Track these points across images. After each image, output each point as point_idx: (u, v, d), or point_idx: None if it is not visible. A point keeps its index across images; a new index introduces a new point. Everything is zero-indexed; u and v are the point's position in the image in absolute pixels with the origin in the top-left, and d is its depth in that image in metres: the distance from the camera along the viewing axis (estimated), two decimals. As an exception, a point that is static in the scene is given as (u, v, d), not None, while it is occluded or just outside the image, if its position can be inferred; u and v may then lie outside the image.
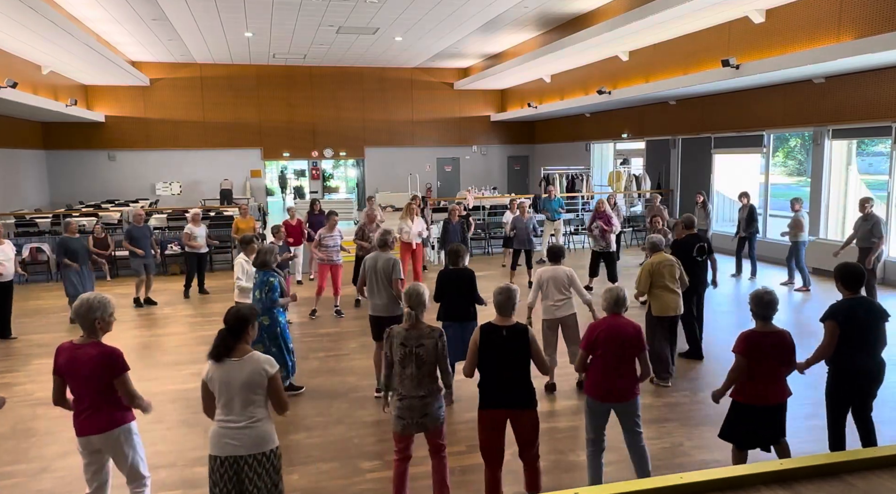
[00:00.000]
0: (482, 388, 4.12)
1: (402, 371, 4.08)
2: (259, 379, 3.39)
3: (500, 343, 4.06)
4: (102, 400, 3.66)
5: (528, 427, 4.10)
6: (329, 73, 22.61)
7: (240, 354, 3.42)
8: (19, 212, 15.78)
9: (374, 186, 23.59)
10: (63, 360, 3.66)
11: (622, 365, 4.26)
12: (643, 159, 18.81)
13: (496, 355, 4.07)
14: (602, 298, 4.52)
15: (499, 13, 14.71)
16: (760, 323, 4.29)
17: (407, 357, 4.05)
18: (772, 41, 11.50)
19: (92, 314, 3.66)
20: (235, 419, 3.39)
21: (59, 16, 11.50)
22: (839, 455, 1.78)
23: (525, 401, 4.07)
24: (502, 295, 4.13)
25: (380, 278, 6.20)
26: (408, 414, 4.07)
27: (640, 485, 1.59)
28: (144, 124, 21.43)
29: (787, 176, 27.83)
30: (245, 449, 3.38)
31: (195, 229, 11.25)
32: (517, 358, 4.06)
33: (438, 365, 4.11)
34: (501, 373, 4.06)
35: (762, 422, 4.22)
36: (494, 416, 4.08)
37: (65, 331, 9.28)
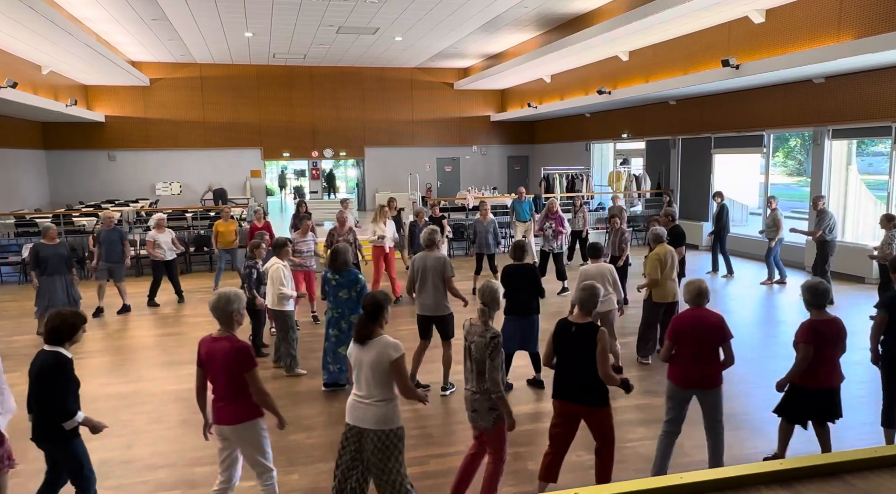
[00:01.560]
0: (555, 379, 4.28)
1: (465, 364, 4.22)
2: (383, 361, 3.66)
3: (570, 339, 4.18)
4: (234, 392, 3.77)
5: (599, 423, 4.19)
6: (329, 73, 22.62)
7: (374, 336, 3.73)
8: (19, 212, 15.78)
9: (374, 186, 23.61)
10: (203, 352, 3.84)
11: (708, 354, 4.45)
12: (643, 159, 18.81)
13: (566, 351, 4.20)
14: (684, 291, 4.69)
15: (499, 13, 14.71)
16: (815, 311, 4.56)
17: (465, 350, 4.19)
18: (772, 41, 11.50)
19: (230, 306, 3.80)
20: (364, 395, 3.72)
21: (59, 16, 11.50)
22: (839, 455, 1.78)
23: (592, 399, 4.15)
24: (585, 293, 4.26)
25: (430, 277, 6.24)
26: (466, 405, 4.24)
27: (640, 485, 1.59)
28: (144, 124, 21.43)
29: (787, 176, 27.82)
30: (367, 424, 3.69)
31: (159, 236, 10.65)
32: (586, 357, 4.12)
33: (486, 365, 4.09)
34: (571, 369, 4.17)
35: (819, 404, 4.53)
36: (564, 408, 4.22)
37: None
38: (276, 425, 3.99)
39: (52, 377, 3.75)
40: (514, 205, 14.06)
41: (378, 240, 10.59)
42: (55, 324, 3.81)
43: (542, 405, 6.20)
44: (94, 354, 8.18)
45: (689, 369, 4.47)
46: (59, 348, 3.82)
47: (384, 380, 3.69)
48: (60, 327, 3.81)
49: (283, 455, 5.25)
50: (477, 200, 17.26)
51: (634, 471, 4.78)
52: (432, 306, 6.29)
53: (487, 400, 4.09)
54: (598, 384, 4.12)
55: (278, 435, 5.62)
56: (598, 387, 4.14)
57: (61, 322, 3.82)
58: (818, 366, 4.46)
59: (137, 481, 4.88)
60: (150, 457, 5.22)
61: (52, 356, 3.79)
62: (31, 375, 3.81)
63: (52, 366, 3.76)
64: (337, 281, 6.32)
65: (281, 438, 5.57)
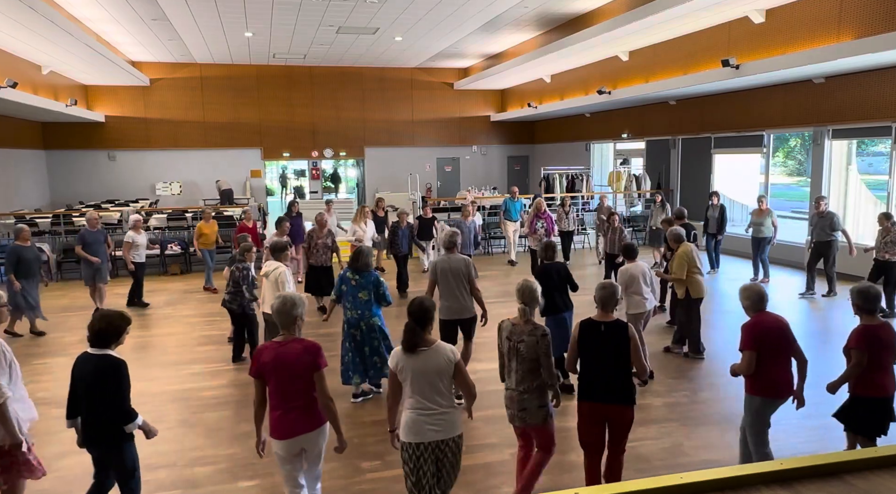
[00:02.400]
0: (581, 381, 4.21)
1: (508, 364, 4.21)
2: (448, 367, 3.60)
3: (599, 338, 4.13)
4: (311, 397, 3.66)
5: (625, 423, 4.15)
6: (329, 72, 22.61)
7: (428, 344, 3.62)
8: (19, 212, 15.78)
9: (375, 186, 23.60)
10: (268, 359, 3.63)
11: (787, 358, 4.36)
12: (643, 159, 18.80)
13: (594, 350, 4.14)
14: (743, 297, 4.50)
15: (499, 13, 14.71)
16: (867, 316, 4.39)
17: (511, 351, 4.17)
18: (772, 41, 11.50)
19: (294, 310, 3.69)
20: (432, 406, 3.59)
21: (59, 16, 11.50)
22: (839, 455, 1.78)
23: (624, 397, 4.10)
24: (605, 291, 4.21)
25: (452, 280, 6.13)
26: (508, 404, 4.23)
27: (640, 485, 1.59)
28: (144, 124, 21.43)
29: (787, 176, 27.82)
30: (445, 434, 3.61)
31: (136, 237, 10.41)
32: (615, 354, 4.09)
33: (541, 363, 4.10)
34: (599, 368, 4.11)
35: (881, 412, 4.35)
36: (593, 409, 4.16)
37: (63, 331, 9.28)
38: (334, 448, 3.80)
39: (111, 380, 3.69)
40: (507, 204, 14.12)
41: (357, 241, 10.59)
42: (101, 327, 3.73)
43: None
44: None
45: (779, 377, 4.32)
46: (108, 350, 3.75)
47: (449, 386, 3.64)
48: (107, 329, 3.74)
49: (283, 455, 5.24)
50: (478, 200, 17.29)
51: (634, 471, 4.78)
52: (459, 309, 6.19)
53: (538, 397, 4.11)
54: (627, 381, 4.11)
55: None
56: (629, 386, 4.12)
57: (108, 324, 3.75)
58: (874, 373, 4.30)
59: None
60: (150, 457, 5.22)
61: (105, 359, 3.71)
62: (82, 379, 3.73)
63: (109, 369, 3.68)
64: (357, 282, 6.21)
65: (281, 438, 5.57)
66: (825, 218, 10.20)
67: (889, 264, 8.93)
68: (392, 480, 4.79)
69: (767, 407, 4.36)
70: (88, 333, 3.78)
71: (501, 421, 5.79)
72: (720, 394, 6.41)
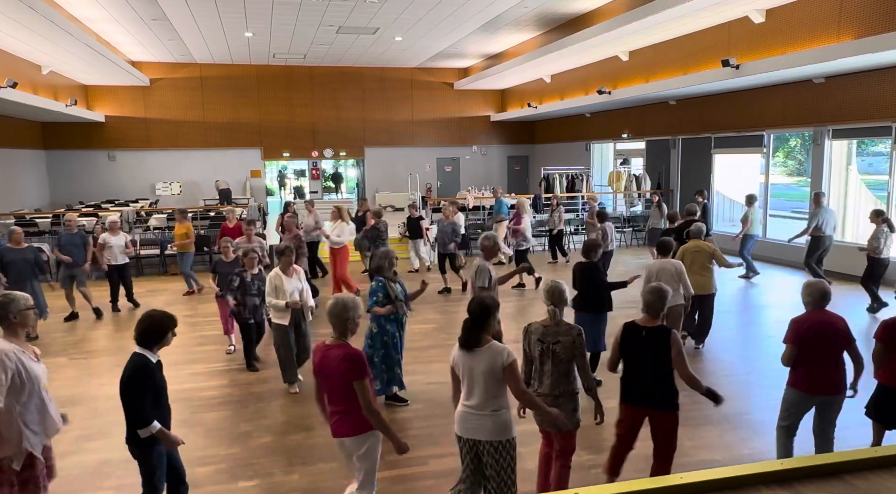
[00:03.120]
0: (623, 384, 4.23)
1: (540, 367, 4.09)
2: (497, 368, 3.53)
3: (640, 343, 4.11)
4: (353, 402, 3.58)
5: (666, 428, 4.13)
6: (329, 73, 22.61)
7: (482, 343, 3.57)
8: (19, 212, 15.78)
9: (375, 186, 23.61)
10: (317, 360, 3.68)
11: (834, 358, 4.35)
12: (643, 159, 18.80)
13: (635, 354, 4.13)
14: (805, 293, 4.51)
15: (499, 13, 14.71)
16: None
17: (545, 353, 4.05)
18: (772, 41, 11.50)
19: (346, 313, 3.64)
20: (478, 405, 3.58)
21: (59, 16, 11.50)
22: (839, 455, 1.78)
23: (663, 403, 4.09)
24: (653, 295, 4.16)
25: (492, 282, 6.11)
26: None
27: (640, 485, 1.59)
28: (144, 124, 21.43)
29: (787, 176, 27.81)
30: (483, 435, 3.57)
31: (111, 239, 10.08)
32: (657, 360, 4.06)
33: (576, 363, 4.06)
34: (640, 373, 4.11)
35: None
36: (633, 413, 4.18)
37: (63, 331, 9.28)
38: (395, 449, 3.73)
39: (127, 381, 3.60)
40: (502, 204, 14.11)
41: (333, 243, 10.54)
42: (144, 326, 3.66)
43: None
44: (94, 354, 8.18)
45: (817, 373, 4.36)
46: (146, 351, 3.68)
47: (499, 389, 3.58)
48: (149, 329, 3.67)
49: (283, 455, 5.25)
50: (478, 200, 17.30)
51: (634, 471, 4.78)
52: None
53: (571, 401, 4.06)
54: (671, 387, 4.09)
55: (278, 436, 5.63)
56: (671, 391, 4.10)
57: (150, 323, 3.68)
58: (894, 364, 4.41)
59: (138, 481, 4.85)
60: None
61: (132, 359, 3.65)
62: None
63: (129, 370, 3.61)
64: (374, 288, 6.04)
65: (280, 438, 5.57)
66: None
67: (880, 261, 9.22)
68: (392, 480, 4.79)
69: (800, 400, 4.46)
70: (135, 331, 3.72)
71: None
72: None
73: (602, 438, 5.41)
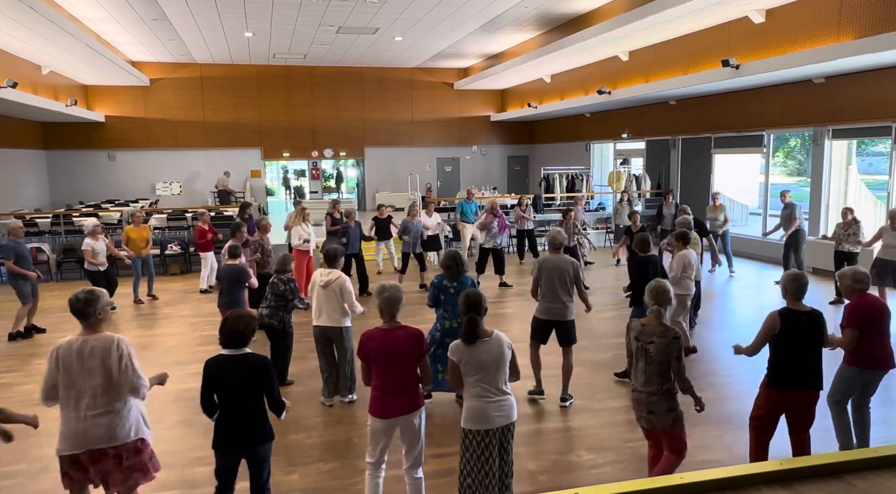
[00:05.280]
0: (781, 370, 4.32)
1: (635, 364, 4.18)
2: (507, 355, 3.80)
3: (802, 328, 4.28)
4: (414, 381, 3.94)
5: (811, 407, 4.34)
6: (329, 72, 22.61)
7: (487, 334, 3.79)
8: (19, 212, 15.77)
9: (375, 186, 23.62)
10: (376, 345, 3.89)
11: (886, 335, 4.76)
12: (643, 159, 18.81)
13: (797, 340, 4.28)
14: (854, 280, 4.79)
15: (499, 13, 14.71)
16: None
17: (639, 351, 4.13)
18: (772, 41, 11.50)
19: (399, 294, 4.02)
20: (497, 393, 3.77)
21: (59, 16, 11.50)
22: (839, 455, 1.78)
23: (817, 383, 4.31)
24: (798, 282, 4.31)
25: (557, 279, 6.04)
26: (636, 407, 4.20)
27: (640, 485, 1.59)
28: (144, 124, 21.43)
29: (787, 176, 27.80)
30: (508, 419, 3.81)
31: (95, 244, 9.74)
32: (815, 343, 4.29)
33: (671, 366, 4.06)
34: (803, 357, 4.27)
35: None
36: (783, 397, 4.34)
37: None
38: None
39: (264, 377, 3.86)
40: (463, 206, 14.05)
41: (302, 244, 10.33)
42: (241, 327, 3.79)
43: (545, 405, 6.20)
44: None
45: (880, 351, 4.75)
46: (246, 350, 3.84)
47: (507, 373, 3.83)
48: (245, 330, 3.82)
49: (283, 455, 5.24)
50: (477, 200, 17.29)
51: (634, 471, 4.78)
52: (559, 310, 6.10)
53: (667, 400, 4.07)
54: (821, 368, 4.32)
55: (278, 436, 5.61)
56: (821, 370, 4.32)
57: (245, 325, 3.81)
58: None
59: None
60: (150, 457, 5.21)
61: (252, 357, 3.85)
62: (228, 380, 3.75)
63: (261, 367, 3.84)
64: (455, 289, 5.79)
65: (280, 438, 5.57)
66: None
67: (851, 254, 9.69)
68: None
69: (862, 376, 4.75)
70: (224, 336, 3.78)
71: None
72: (720, 394, 6.42)
73: (602, 438, 5.42)
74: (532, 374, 6.33)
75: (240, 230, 8.81)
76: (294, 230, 10.53)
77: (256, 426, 3.80)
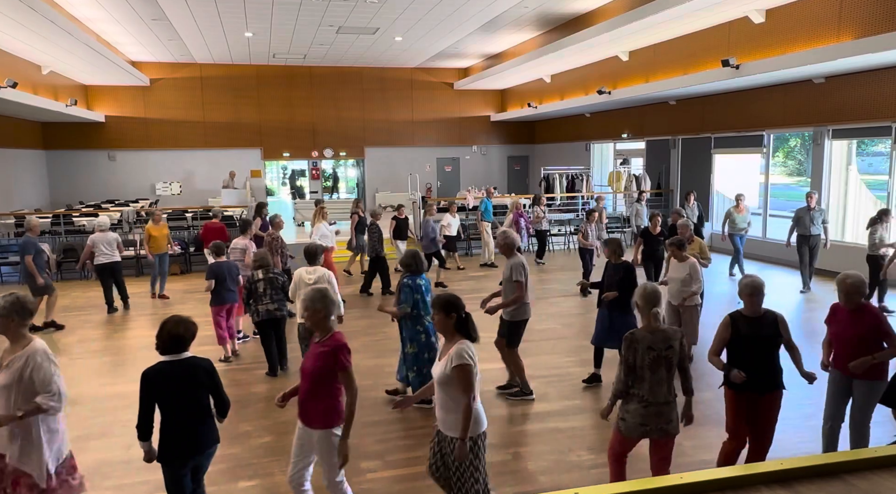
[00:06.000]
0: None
1: (651, 376, 3.94)
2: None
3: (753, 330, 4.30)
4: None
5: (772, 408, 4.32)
6: (329, 72, 22.61)
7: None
8: (19, 212, 15.78)
9: (375, 186, 23.61)
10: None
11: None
12: (643, 159, 18.81)
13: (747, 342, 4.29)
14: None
15: (499, 13, 14.70)
16: None
17: (657, 361, 3.95)
18: (772, 41, 11.50)
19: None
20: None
21: (59, 16, 11.50)
22: (839, 455, 1.78)
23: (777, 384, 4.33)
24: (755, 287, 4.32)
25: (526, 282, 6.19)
26: (654, 421, 3.95)
27: (640, 485, 1.59)
28: (144, 124, 21.43)
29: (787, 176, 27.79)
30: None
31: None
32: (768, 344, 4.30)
33: (681, 366, 4.06)
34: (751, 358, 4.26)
35: None
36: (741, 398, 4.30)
37: (64, 332, 9.28)
38: None
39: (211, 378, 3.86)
40: (486, 205, 14.17)
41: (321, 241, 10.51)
42: (180, 332, 3.78)
43: (545, 405, 6.20)
44: (94, 354, 8.18)
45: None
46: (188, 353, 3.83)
47: None
48: (185, 334, 3.82)
49: (283, 455, 5.24)
50: (477, 200, 17.29)
51: (634, 471, 4.78)
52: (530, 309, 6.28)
53: (676, 406, 4.03)
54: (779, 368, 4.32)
55: (278, 435, 5.63)
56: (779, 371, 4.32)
57: (185, 329, 3.81)
58: None
59: (137, 481, 4.88)
60: (150, 457, 5.21)
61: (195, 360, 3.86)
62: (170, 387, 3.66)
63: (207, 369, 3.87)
64: (426, 287, 6.01)
65: (281, 438, 5.57)
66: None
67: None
68: (392, 480, 4.79)
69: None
70: (161, 340, 3.74)
71: (501, 421, 5.80)
72: (719, 394, 6.39)
73: (603, 438, 5.41)
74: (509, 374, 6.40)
75: (249, 227, 9.09)
76: (315, 228, 10.88)
77: (207, 428, 3.74)
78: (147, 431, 3.62)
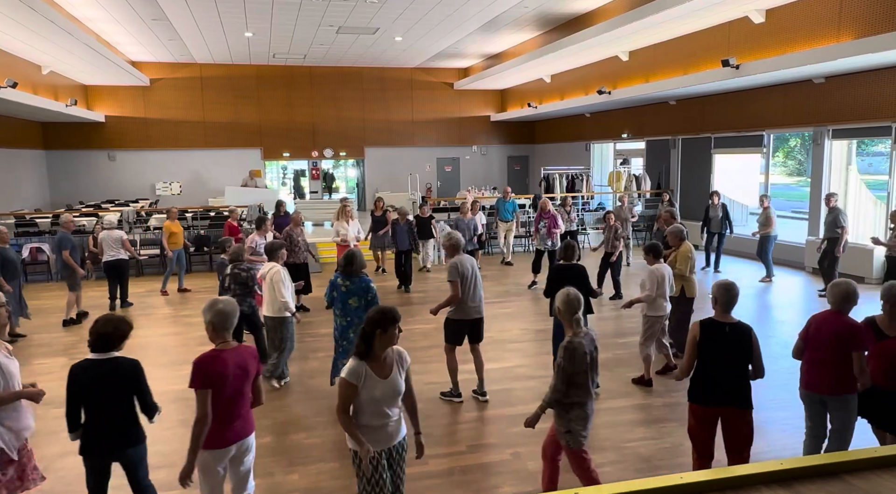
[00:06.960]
0: (696, 384, 4.11)
1: (587, 382, 3.94)
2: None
3: (723, 340, 4.04)
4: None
5: (742, 427, 4.03)
6: (329, 72, 22.62)
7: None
8: (19, 212, 15.78)
9: (375, 186, 23.60)
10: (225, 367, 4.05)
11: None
12: (643, 159, 18.81)
13: (718, 353, 4.03)
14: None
15: (499, 13, 14.71)
16: None
17: (591, 364, 4.00)
18: (772, 41, 11.50)
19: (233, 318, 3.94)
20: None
21: (59, 16, 11.50)
22: (839, 455, 1.78)
23: (744, 401, 4.01)
24: (729, 293, 4.11)
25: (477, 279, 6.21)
26: (586, 425, 3.97)
27: (640, 485, 1.59)
28: (144, 124, 21.43)
29: (787, 176, 27.81)
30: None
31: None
32: (740, 357, 4.02)
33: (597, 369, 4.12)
34: (722, 371, 4.02)
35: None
36: (706, 413, 4.06)
37: (65, 332, 9.29)
38: None
39: (132, 380, 3.79)
40: (499, 205, 14.16)
41: (342, 241, 10.84)
42: (107, 330, 3.70)
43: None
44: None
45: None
46: (115, 353, 3.76)
47: None
48: (114, 333, 3.73)
49: (283, 455, 5.24)
50: (479, 200, 17.29)
51: (634, 471, 4.78)
52: (479, 309, 6.25)
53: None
54: (747, 384, 4.04)
55: (279, 435, 5.63)
56: (746, 388, 4.04)
57: (114, 328, 3.73)
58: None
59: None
60: (149, 457, 5.20)
61: (119, 360, 3.77)
62: (90, 386, 3.67)
63: (129, 370, 3.78)
64: (347, 288, 5.91)
65: (281, 438, 5.57)
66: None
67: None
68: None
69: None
70: (92, 338, 3.71)
71: (501, 422, 5.80)
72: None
73: (602, 438, 5.42)
74: (449, 378, 6.33)
75: (264, 223, 9.54)
76: (335, 226, 11.14)
77: (125, 430, 3.76)
78: (73, 424, 3.71)
